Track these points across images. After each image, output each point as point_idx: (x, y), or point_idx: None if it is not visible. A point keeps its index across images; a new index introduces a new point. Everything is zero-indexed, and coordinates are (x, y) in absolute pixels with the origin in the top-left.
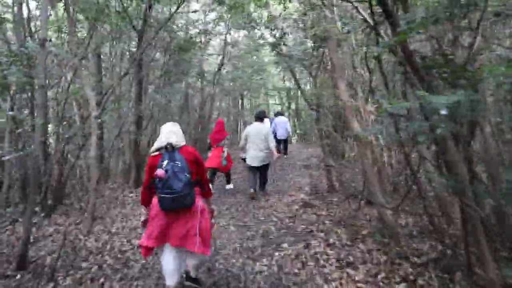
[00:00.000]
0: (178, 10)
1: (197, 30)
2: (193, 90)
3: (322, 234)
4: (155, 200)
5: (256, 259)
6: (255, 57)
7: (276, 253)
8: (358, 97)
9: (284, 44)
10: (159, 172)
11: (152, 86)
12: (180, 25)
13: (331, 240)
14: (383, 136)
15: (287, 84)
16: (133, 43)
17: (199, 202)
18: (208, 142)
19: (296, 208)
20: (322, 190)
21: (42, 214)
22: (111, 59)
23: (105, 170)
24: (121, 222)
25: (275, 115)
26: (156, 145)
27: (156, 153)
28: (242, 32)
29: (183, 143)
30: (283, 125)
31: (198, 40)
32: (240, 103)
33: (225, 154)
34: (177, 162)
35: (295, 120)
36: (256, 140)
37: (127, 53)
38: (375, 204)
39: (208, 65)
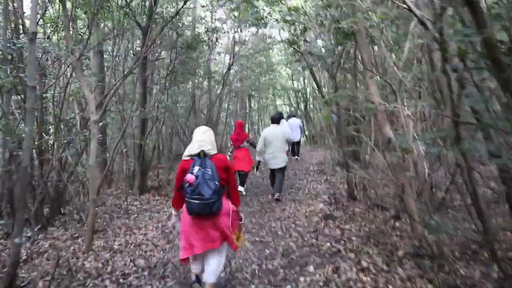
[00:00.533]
0: (185, 6)
1: (205, 27)
2: (200, 91)
3: (352, 255)
4: (185, 207)
5: (278, 285)
6: (262, 57)
7: (301, 278)
8: (398, 100)
9: (305, 41)
10: (189, 177)
11: (157, 87)
12: (186, 23)
13: (363, 263)
14: (433, 148)
15: (296, 84)
16: (138, 41)
17: (226, 204)
18: (230, 145)
19: (317, 221)
20: (342, 199)
21: (37, 227)
22: (114, 58)
23: (108, 174)
24: (124, 236)
25: (288, 117)
26: (188, 151)
27: (188, 157)
28: (251, 31)
29: (215, 151)
30: (296, 127)
31: (206, 38)
32: (248, 104)
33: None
34: (207, 169)
35: (303, 122)
36: (275, 142)
37: (131, 51)
38: (406, 217)
39: (215, 65)
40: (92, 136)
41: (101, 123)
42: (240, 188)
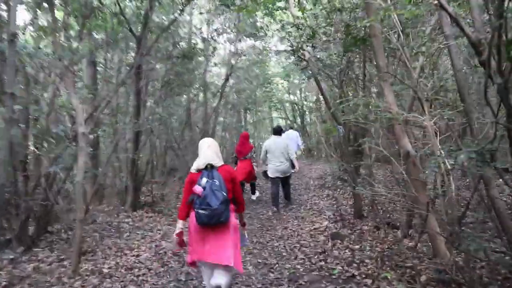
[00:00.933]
0: (182, 15)
1: (201, 37)
2: (196, 104)
3: (368, 281)
4: (192, 215)
5: None
6: (257, 71)
7: None
8: (425, 109)
9: (312, 46)
10: (197, 188)
11: (152, 99)
12: (182, 34)
13: None
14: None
15: (292, 97)
16: (132, 53)
17: (233, 218)
18: (234, 156)
19: (323, 240)
20: (347, 216)
21: (20, 249)
22: (107, 68)
23: (100, 189)
24: (115, 258)
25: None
26: (197, 165)
27: (195, 171)
28: (247, 44)
29: (222, 162)
30: (294, 139)
31: (202, 47)
32: (243, 117)
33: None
34: (215, 180)
35: (300, 135)
36: (277, 153)
37: (124, 62)
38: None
39: (210, 77)
40: (80, 150)
41: (93, 136)
42: (256, 194)
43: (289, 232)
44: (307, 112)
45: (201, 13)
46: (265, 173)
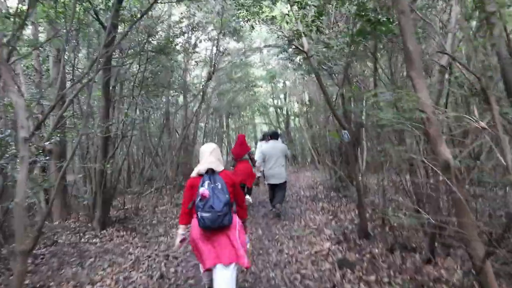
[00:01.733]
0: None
1: (181, 31)
2: (175, 107)
3: None
4: (194, 222)
5: None
6: (240, 74)
7: None
8: (493, 108)
9: (318, 31)
10: (203, 191)
11: (126, 101)
12: (160, 29)
13: None
14: None
15: (276, 102)
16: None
17: (236, 218)
18: (231, 158)
19: (329, 268)
20: (350, 234)
21: None
22: (78, 68)
23: (68, 201)
24: None
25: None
26: (197, 170)
27: (196, 175)
28: (231, 45)
29: (222, 167)
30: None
31: (181, 41)
32: (225, 122)
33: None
34: (217, 184)
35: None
36: (274, 158)
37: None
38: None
39: (191, 79)
40: (20, 161)
41: (49, 143)
42: (249, 199)
43: (286, 257)
44: (291, 117)
45: (180, 0)
46: (257, 180)
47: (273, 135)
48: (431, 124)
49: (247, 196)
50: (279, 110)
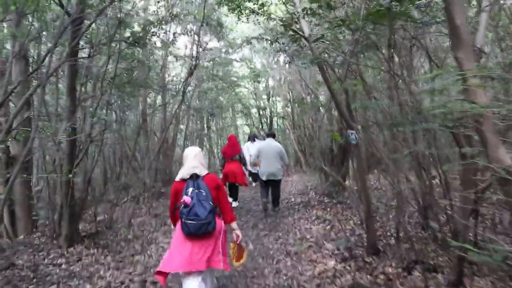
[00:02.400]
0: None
1: (158, 19)
2: (153, 108)
3: None
4: (178, 226)
5: None
6: (221, 73)
7: None
8: None
9: (328, 6)
10: (186, 198)
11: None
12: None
13: None
14: None
15: (257, 102)
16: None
17: (218, 224)
18: (221, 158)
19: None
20: (356, 249)
21: None
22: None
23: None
24: None
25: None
26: (181, 175)
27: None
28: (211, 45)
29: (206, 171)
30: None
31: (158, 32)
32: (206, 124)
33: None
34: (201, 190)
35: None
36: (269, 156)
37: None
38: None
39: (170, 78)
40: None
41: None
42: (234, 204)
43: (284, 279)
44: (275, 119)
45: None
46: (253, 175)
47: (270, 134)
48: (487, 121)
49: (234, 203)
50: (262, 111)
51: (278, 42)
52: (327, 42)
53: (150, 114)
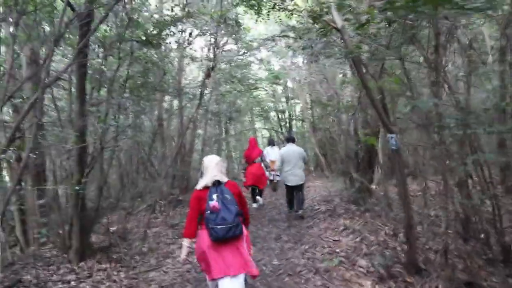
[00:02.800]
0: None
1: (172, 17)
2: (168, 113)
3: None
4: (202, 234)
5: None
6: (239, 75)
7: None
8: None
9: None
10: (214, 204)
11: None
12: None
13: None
14: None
15: (276, 105)
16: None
17: (244, 229)
18: (244, 162)
19: None
20: (392, 265)
21: None
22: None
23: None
24: None
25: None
26: (203, 182)
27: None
28: (230, 45)
29: (227, 178)
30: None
31: (174, 32)
32: (224, 128)
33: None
34: (226, 195)
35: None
36: (293, 160)
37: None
38: None
39: (187, 80)
40: None
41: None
42: (260, 201)
43: None
44: (294, 122)
45: None
46: (272, 183)
47: (290, 139)
48: None
49: (258, 197)
50: (281, 114)
51: (303, 39)
52: (363, 35)
53: (167, 119)
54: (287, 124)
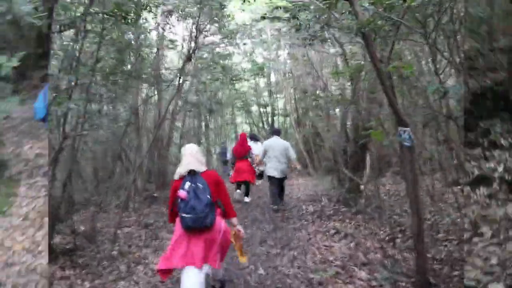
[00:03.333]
0: None
1: None
2: (145, 102)
3: None
4: (177, 221)
5: None
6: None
7: None
8: None
9: None
10: (181, 193)
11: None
12: None
13: None
14: None
15: (257, 99)
16: None
17: (221, 222)
18: (232, 156)
19: None
20: (399, 280)
21: None
22: None
23: None
24: None
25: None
26: (178, 172)
27: (178, 178)
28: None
29: (205, 168)
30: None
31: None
32: (204, 121)
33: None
34: (198, 184)
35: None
36: (276, 153)
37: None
38: None
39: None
40: None
41: None
42: (246, 199)
43: None
44: (276, 117)
45: None
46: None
47: (276, 131)
48: None
49: (246, 198)
50: (263, 108)
51: (297, 18)
52: (378, 7)
53: (143, 109)
54: (269, 119)
